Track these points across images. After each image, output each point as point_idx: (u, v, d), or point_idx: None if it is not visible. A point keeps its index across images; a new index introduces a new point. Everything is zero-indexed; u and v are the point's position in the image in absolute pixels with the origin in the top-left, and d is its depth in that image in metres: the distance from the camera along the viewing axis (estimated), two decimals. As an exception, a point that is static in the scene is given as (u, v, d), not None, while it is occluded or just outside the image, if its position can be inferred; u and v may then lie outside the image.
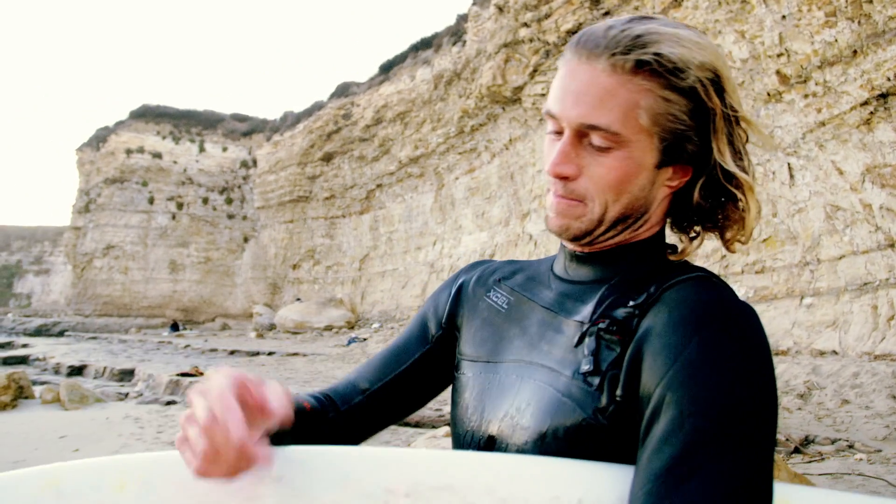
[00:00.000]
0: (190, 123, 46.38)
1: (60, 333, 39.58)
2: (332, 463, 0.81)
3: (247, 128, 46.24)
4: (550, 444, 0.82)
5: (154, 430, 8.52)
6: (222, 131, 46.40)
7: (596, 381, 0.81)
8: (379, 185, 30.75)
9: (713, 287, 0.83)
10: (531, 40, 16.59)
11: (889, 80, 8.45)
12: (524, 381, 0.90)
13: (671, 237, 0.96)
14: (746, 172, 0.87)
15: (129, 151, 44.01)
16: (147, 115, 46.01)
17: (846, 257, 10.06)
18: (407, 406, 1.09)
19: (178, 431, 0.77)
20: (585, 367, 0.82)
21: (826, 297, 9.93)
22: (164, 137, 45.14)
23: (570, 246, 0.96)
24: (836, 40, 8.82)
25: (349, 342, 23.38)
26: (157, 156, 44.49)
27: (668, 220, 0.96)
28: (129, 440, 7.89)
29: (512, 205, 21.75)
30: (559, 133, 0.89)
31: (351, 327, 30.04)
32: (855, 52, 8.66)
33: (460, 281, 1.12)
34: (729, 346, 0.73)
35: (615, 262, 0.93)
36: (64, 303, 50.16)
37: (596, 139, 0.84)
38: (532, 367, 0.90)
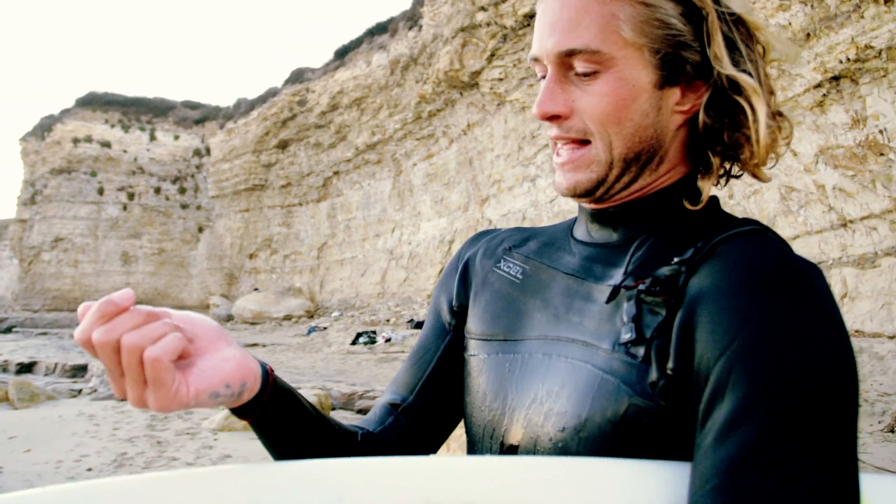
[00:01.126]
0: (140, 111, 45.28)
1: (8, 330, 38.36)
2: (320, 481, 0.64)
3: (199, 115, 45.31)
4: (593, 430, 0.70)
5: (110, 427, 8.28)
6: (174, 119, 45.39)
7: (640, 351, 0.69)
8: (336, 173, 30.45)
9: (774, 243, 0.72)
10: (488, 24, 16.51)
11: (841, 62, 8.60)
12: (553, 360, 0.78)
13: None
14: (753, 77, 0.74)
15: (76, 140, 42.77)
16: (94, 102, 44.75)
17: (801, 237, 10.27)
18: (455, 408, 0.95)
19: (135, 428, 0.68)
20: (626, 336, 0.70)
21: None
22: (112, 126, 43.98)
23: (589, 206, 0.83)
24: (790, 24, 8.94)
25: (309, 331, 23.16)
26: (106, 145, 43.32)
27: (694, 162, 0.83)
28: (84, 438, 7.65)
29: (471, 190, 21.73)
30: (545, 77, 0.78)
31: (311, 316, 29.78)
32: (808, 35, 8.79)
33: (466, 257, 0.99)
34: (803, 311, 0.61)
35: (645, 215, 0.80)
36: (11, 298, 48.66)
37: (579, 65, 0.74)
38: (560, 343, 0.78)
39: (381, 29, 27.61)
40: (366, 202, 29.05)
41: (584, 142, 0.77)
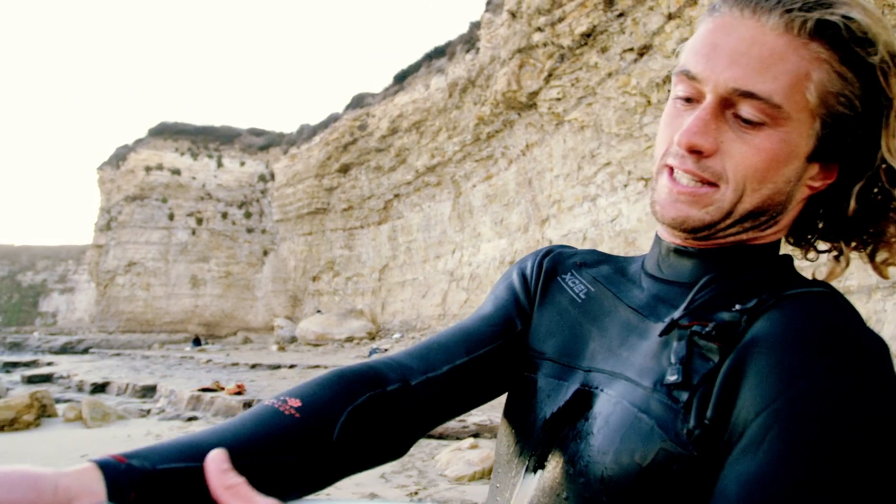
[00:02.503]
0: (207, 139, 46.73)
1: (85, 351, 39.98)
2: None
3: (264, 142, 46.49)
4: (618, 469, 0.66)
5: (175, 447, 8.47)
6: (239, 146, 46.69)
7: (684, 396, 0.64)
8: (396, 195, 30.73)
9: (842, 308, 0.67)
10: (545, 45, 16.46)
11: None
12: (594, 392, 0.75)
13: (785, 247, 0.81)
14: None
15: (148, 169, 44.42)
16: (165, 132, 46.43)
17: None
18: (467, 403, 0.85)
19: None
20: (672, 378, 0.65)
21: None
22: (182, 154, 45.52)
23: (673, 239, 0.78)
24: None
25: (370, 353, 23.30)
26: (176, 172, 44.85)
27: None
28: (151, 458, 7.84)
29: (530, 211, 21.59)
30: (690, 101, 0.72)
31: (372, 338, 29.99)
32: None
33: (545, 250, 0.94)
34: (858, 380, 0.57)
35: (724, 261, 0.75)
36: (88, 320, 50.72)
37: (747, 110, 0.67)
38: (605, 377, 0.75)
39: (439, 53, 27.88)
40: (426, 224, 29.19)
41: (712, 184, 0.71)
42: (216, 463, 0.56)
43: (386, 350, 23.48)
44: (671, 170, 0.73)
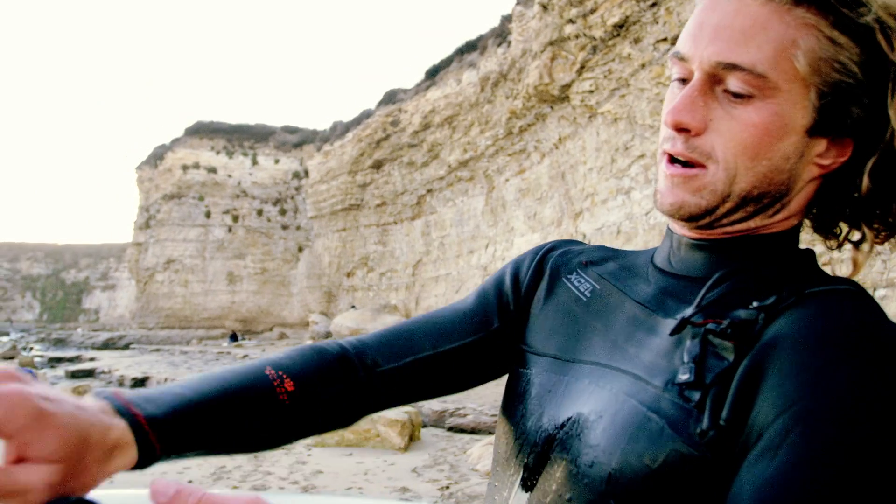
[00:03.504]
0: (242, 137, 47.34)
1: (126, 346, 40.83)
2: None
3: (297, 139, 46.92)
4: (626, 470, 0.62)
5: (211, 440, 8.59)
6: (274, 144, 47.21)
7: (696, 396, 0.61)
8: (429, 191, 30.76)
9: (869, 307, 0.63)
10: (577, 37, 16.30)
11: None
12: (597, 390, 0.71)
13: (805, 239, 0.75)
14: None
15: (185, 167, 45.16)
16: (201, 131, 47.16)
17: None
18: (429, 393, 0.87)
19: None
20: (684, 377, 0.62)
21: None
22: (218, 152, 46.18)
23: (682, 231, 0.75)
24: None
25: (404, 348, 23.40)
26: (212, 170, 45.52)
27: (810, 215, 0.74)
28: (187, 451, 7.97)
29: (564, 205, 21.43)
30: (685, 82, 0.70)
31: (406, 333, 30.08)
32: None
33: (545, 248, 0.92)
34: (888, 385, 0.54)
35: (737, 255, 0.72)
36: (129, 317, 51.79)
37: (734, 83, 0.65)
38: (610, 372, 0.71)
39: (470, 47, 27.80)
40: (459, 219, 29.17)
41: (702, 165, 0.68)
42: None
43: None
44: (670, 157, 0.71)
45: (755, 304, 0.64)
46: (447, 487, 7.13)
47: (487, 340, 0.87)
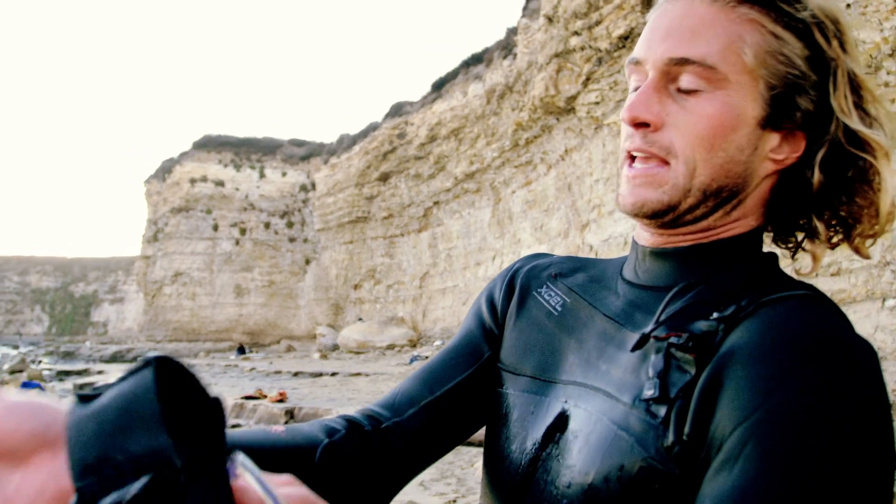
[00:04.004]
0: (250, 150, 47.56)
1: (134, 360, 40.85)
2: None
3: (304, 152, 47.09)
4: (601, 489, 0.63)
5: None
6: (281, 156, 47.39)
7: (661, 411, 0.61)
8: (436, 203, 30.79)
9: (826, 313, 0.63)
10: (583, 48, 16.34)
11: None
12: (574, 410, 0.71)
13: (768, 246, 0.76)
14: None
15: (192, 181, 45.37)
16: (209, 144, 47.40)
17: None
18: (447, 444, 0.85)
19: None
20: (649, 393, 0.63)
21: None
22: (225, 165, 46.39)
23: (646, 237, 0.77)
24: (909, 27, 8.33)
25: (411, 360, 23.34)
26: (220, 184, 45.71)
27: (771, 222, 0.74)
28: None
29: (570, 216, 21.41)
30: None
31: (413, 345, 30.03)
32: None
33: (514, 268, 0.92)
34: (841, 391, 0.54)
35: (700, 262, 0.72)
36: (137, 330, 51.95)
37: (686, 79, 0.67)
38: (586, 391, 0.71)
39: (476, 60, 27.90)
40: (466, 231, 29.18)
41: (663, 161, 0.69)
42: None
43: (427, 357, 23.49)
44: (631, 159, 0.73)
45: (715, 314, 0.64)
46: (454, 501, 7.09)
47: (485, 369, 0.86)
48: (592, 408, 0.69)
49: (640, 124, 0.70)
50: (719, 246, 0.72)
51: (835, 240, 0.71)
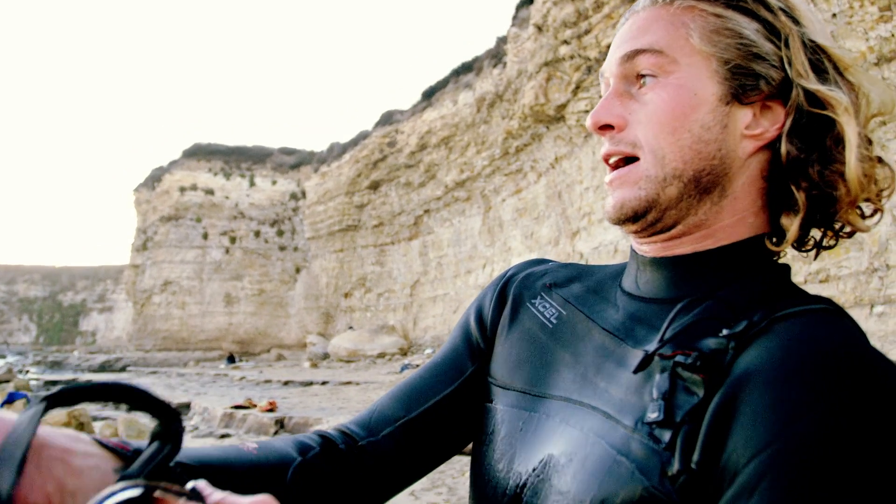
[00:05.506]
0: (240, 159, 47.50)
1: (123, 369, 40.60)
2: None
3: (295, 160, 47.07)
4: None
5: (207, 464, 8.52)
6: (271, 165, 47.36)
7: (666, 436, 0.57)
8: (426, 211, 30.80)
9: (845, 329, 0.59)
10: (572, 57, 16.42)
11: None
12: (568, 429, 0.67)
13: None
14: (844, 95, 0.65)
15: (182, 189, 45.22)
16: (199, 152, 47.31)
17: (918, 263, 9.52)
18: (427, 464, 0.83)
19: None
20: (652, 416, 0.59)
21: None
22: (215, 174, 46.30)
23: (642, 246, 0.74)
24: (893, 35, 8.42)
25: (402, 369, 23.27)
26: (210, 192, 45.59)
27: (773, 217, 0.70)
28: (183, 475, 7.89)
29: (561, 224, 21.46)
30: None
31: (404, 354, 29.97)
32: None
33: (507, 276, 0.88)
34: (868, 417, 0.50)
35: (704, 272, 0.69)
36: (126, 339, 51.66)
37: (641, 66, 0.69)
38: (581, 409, 0.67)
39: (466, 68, 27.99)
40: (456, 239, 29.19)
41: (634, 159, 0.69)
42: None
43: (417, 366, 23.42)
44: (610, 167, 0.74)
45: (725, 331, 0.60)
46: (445, 510, 7.05)
47: (467, 386, 0.83)
48: (588, 428, 0.65)
49: (604, 127, 0.71)
50: (723, 254, 0.69)
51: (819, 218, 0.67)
